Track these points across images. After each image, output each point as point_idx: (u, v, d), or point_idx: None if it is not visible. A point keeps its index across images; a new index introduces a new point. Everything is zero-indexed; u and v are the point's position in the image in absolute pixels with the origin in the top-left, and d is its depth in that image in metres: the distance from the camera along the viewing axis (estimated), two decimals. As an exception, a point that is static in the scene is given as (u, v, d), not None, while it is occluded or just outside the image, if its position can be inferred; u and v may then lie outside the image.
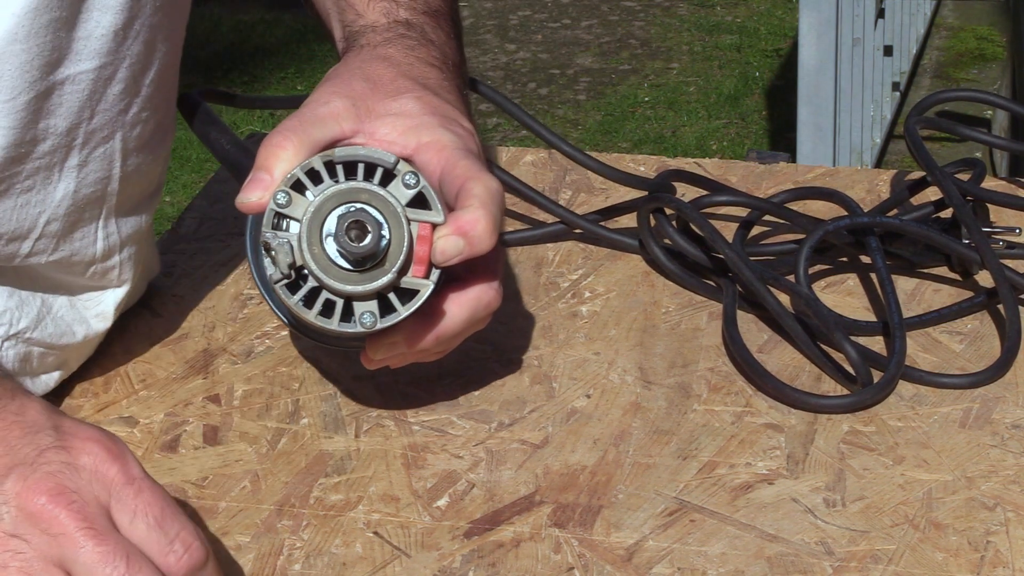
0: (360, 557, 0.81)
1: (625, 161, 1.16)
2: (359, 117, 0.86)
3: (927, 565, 0.79)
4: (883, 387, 0.90)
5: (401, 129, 0.86)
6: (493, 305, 0.86)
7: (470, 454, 0.88)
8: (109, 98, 0.88)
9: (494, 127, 4.24)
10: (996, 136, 1.14)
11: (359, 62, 0.91)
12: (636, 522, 0.82)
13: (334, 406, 0.92)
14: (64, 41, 0.84)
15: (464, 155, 0.85)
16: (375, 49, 0.92)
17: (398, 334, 0.84)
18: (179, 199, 3.60)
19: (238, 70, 4.58)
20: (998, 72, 4.13)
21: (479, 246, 0.82)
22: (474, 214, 0.82)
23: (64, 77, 0.85)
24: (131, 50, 0.88)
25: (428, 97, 0.88)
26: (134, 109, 0.90)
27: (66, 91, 0.86)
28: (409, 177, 0.82)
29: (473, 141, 0.87)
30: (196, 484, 0.86)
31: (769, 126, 4.19)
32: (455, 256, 0.82)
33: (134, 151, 0.91)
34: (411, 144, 0.86)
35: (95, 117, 0.88)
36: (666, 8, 5.11)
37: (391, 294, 0.82)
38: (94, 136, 0.88)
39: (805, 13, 3.02)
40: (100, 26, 0.86)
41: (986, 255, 0.98)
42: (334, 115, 0.86)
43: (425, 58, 0.92)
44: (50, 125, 0.85)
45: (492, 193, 0.83)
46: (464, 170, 0.84)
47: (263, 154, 0.84)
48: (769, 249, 1.04)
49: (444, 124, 0.87)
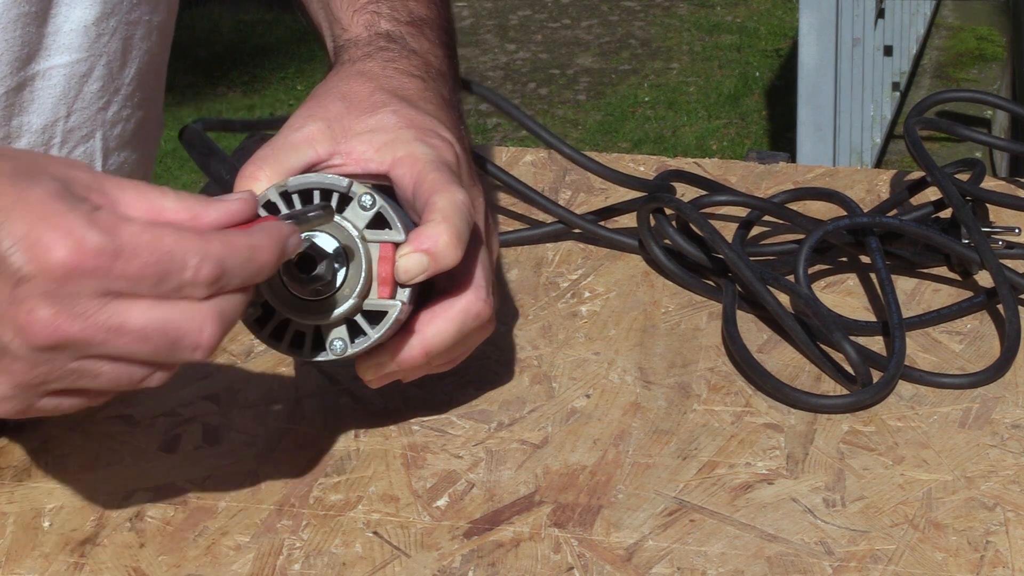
0: (360, 557, 0.81)
1: (625, 161, 1.16)
2: (335, 139, 0.86)
3: (927, 565, 0.79)
4: (883, 387, 0.90)
5: (377, 145, 0.86)
6: (483, 315, 0.84)
7: (470, 454, 0.88)
8: (87, 95, 0.88)
9: (494, 127, 4.24)
10: (995, 137, 1.13)
11: (336, 80, 0.90)
12: (636, 522, 0.82)
13: (334, 406, 0.92)
14: (34, 36, 0.84)
15: (435, 167, 0.84)
16: (353, 65, 0.91)
17: (384, 354, 0.84)
18: (179, 199, 3.60)
19: (238, 70, 4.58)
20: (998, 72, 4.13)
21: (443, 261, 0.81)
22: (435, 229, 0.81)
23: (35, 72, 0.85)
24: (108, 47, 0.88)
25: (405, 110, 0.87)
26: (114, 107, 0.90)
27: (38, 87, 0.86)
28: (365, 199, 0.81)
29: (450, 151, 0.86)
30: (196, 484, 0.86)
31: (769, 126, 4.20)
32: (420, 273, 0.81)
33: (116, 150, 0.91)
34: (387, 160, 0.85)
35: (72, 115, 0.88)
36: (666, 8, 5.11)
37: (359, 318, 0.82)
38: (73, 135, 0.88)
39: (805, 13, 3.02)
40: (69, 20, 0.86)
41: (986, 255, 0.98)
42: (308, 140, 0.85)
43: (405, 69, 0.91)
44: (23, 122, 0.85)
45: (456, 205, 0.82)
46: (431, 183, 0.83)
47: (237, 184, 0.84)
48: (769, 249, 1.04)
49: (420, 137, 0.86)
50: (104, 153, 0.90)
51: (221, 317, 0.71)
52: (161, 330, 0.70)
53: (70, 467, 0.87)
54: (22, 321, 0.68)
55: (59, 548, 0.81)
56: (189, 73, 4.47)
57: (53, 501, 0.85)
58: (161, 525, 0.83)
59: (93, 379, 0.71)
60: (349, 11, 0.95)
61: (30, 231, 0.68)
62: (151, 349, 0.71)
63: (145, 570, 0.80)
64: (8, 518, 0.84)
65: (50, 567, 0.80)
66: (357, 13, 0.94)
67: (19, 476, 0.87)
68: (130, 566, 0.80)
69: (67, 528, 0.83)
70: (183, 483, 0.86)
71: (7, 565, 0.80)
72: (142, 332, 0.70)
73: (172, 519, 0.83)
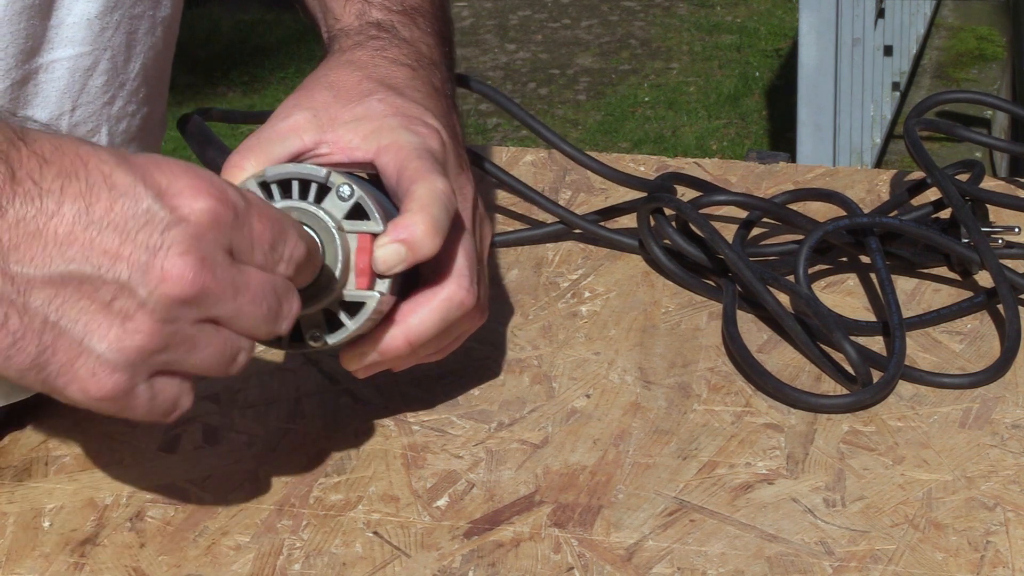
0: (360, 557, 0.81)
1: (625, 161, 1.16)
2: (321, 128, 0.86)
3: (927, 565, 0.79)
4: (883, 387, 0.90)
5: (363, 133, 0.85)
6: (466, 304, 0.84)
7: (470, 454, 0.88)
8: (92, 90, 0.88)
9: (494, 127, 4.25)
10: (994, 137, 1.14)
11: (325, 70, 0.90)
12: (636, 522, 0.82)
13: (334, 406, 0.92)
14: (38, 28, 0.85)
15: (418, 155, 0.84)
16: (343, 54, 0.91)
17: (367, 345, 0.83)
18: (179, 199, 3.60)
19: (238, 70, 4.58)
20: (998, 72, 4.13)
21: (421, 251, 0.80)
22: (412, 219, 0.80)
23: (39, 65, 0.85)
24: (112, 40, 0.88)
25: (392, 98, 0.87)
26: (119, 102, 0.90)
27: (42, 79, 0.86)
28: (344, 189, 0.81)
29: (436, 139, 0.86)
30: (196, 484, 0.86)
31: (769, 126, 4.20)
32: (398, 263, 0.80)
33: (122, 145, 0.91)
34: (372, 148, 0.85)
35: (78, 109, 0.88)
36: (666, 8, 5.11)
37: (338, 309, 0.82)
38: (78, 129, 0.88)
39: (805, 13, 3.02)
40: (72, 13, 0.86)
41: (986, 255, 0.98)
42: (294, 129, 0.85)
43: (394, 58, 0.91)
44: (28, 116, 0.85)
45: (435, 194, 0.82)
46: (412, 172, 0.83)
47: (223, 173, 0.84)
48: (769, 249, 1.04)
49: (405, 124, 0.86)
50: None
51: (296, 298, 0.75)
52: (272, 292, 0.73)
53: (70, 467, 0.87)
54: (166, 269, 0.69)
55: (59, 548, 0.81)
56: (189, 73, 4.47)
57: (53, 501, 0.85)
58: (161, 525, 0.83)
59: (203, 349, 0.72)
60: (341, 1, 0.95)
61: (172, 183, 0.70)
62: (263, 312, 0.73)
63: (145, 570, 0.80)
64: (8, 518, 0.84)
65: (50, 567, 0.80)
66: (349, 2, 0.94)
67: (19, 476, 0.87)
68: (130, 566, 0.80)
69: (67, 528, 0.83)
70: (183, 483, 0.86)
71: (7, 565, 0.80)
72: (259, 291, 0.73)
73: (172, 519, 0.83)
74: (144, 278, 0.69)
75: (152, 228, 0.69)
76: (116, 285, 0.69)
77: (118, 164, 0.70)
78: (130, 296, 0.69)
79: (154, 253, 0.69)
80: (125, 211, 0.69)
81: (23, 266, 0.68)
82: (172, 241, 0.69)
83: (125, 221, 0.69)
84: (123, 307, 0.69)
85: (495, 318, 0.99)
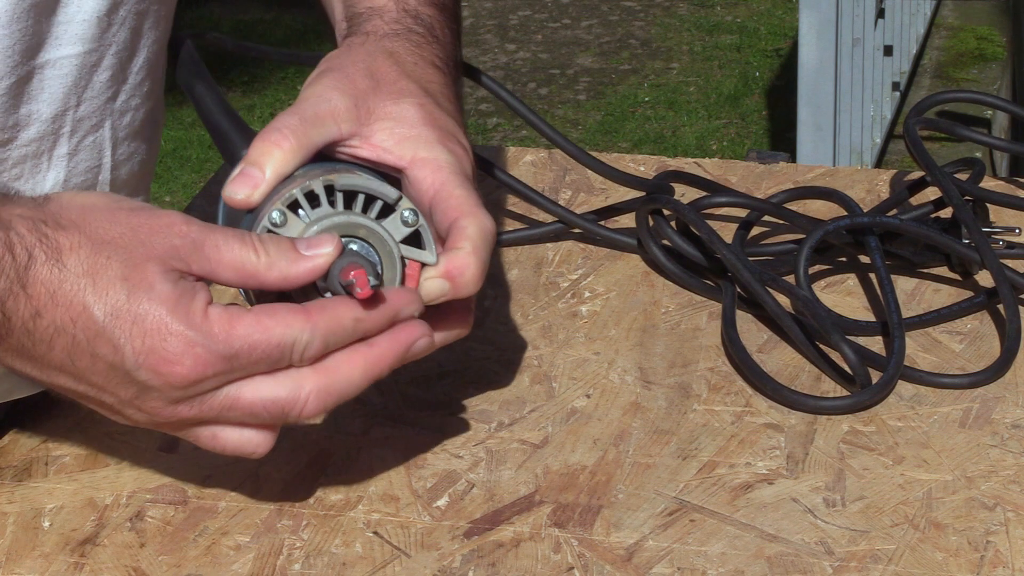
0: (360, 557, 0.81)
1: (625, 161, 1.16)
2: (359, 120, 0.84)
3: (927, 565, 0.79)
4: (882, 387, 0.90)
5: (397, 137, 0.84)
6: (463, 333, 0.84)
7: (470, 454, 0.88)
8: (96, 85, 0.88)
9: (494, 127, 4.25)
10: (994, 137, 1.14)
11: (364, 54, 0.88)
12: (636, 522, 0.82)
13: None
14: (45, 26, 0.85)
15: (461, 182, 0.83)
16: (381, 41, 0.89)
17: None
18: (179, 199, 3.60)
19: (238, 70, 4.58)
20: (998, 72, 4.13)
21: (463, 291, 0.81)
22: (465, 260, 0.81)
23: (44, 62, 0.85)
24: (117, 37, 0.88)
25: (429, 105, 0.86)
26: (123, 97, 0.90)
27: (47, 76, 0.86)
28: (408, 215, 0.80)
29: (468, 161, 0.86)
30: (196, 484, 0.86)
31: (769, 126, 4.20)
32: (438, 298, 0.81)
33: (125, 140, 0.91)
34: (407, 156, 0.84)
35: (82, 104, 0.88)
36: (666, 8, 5.11)
37: None
38: (82, 124, 0.88)
39: (805, 13, 3.02)
40: (82, 11, 0.86)
41: (986, 255, 0.98)
42: (334, 115, 0.84)
43: (430, 58, 0.90)
44: (33, 111, 0.86)
45: (485, 235, 0.82)
46: (459, 202, 0.82)
47: (258, 149, 0.81)
48: (769, 249, 1.04)
49: (442, 140, 0.85)
50: (113, 143, 0.90)
51: (323, 394, 0.78)
52: (269, 405, 0.77)
53: (70, 467, 0.87)
54: (147, 409, 0.76)
55: (59, 548, 0.81)
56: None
57: (53, 501, 0.85)
58: (161, 525, 0.83)
59: (210, 441, 0.79)
60: None
61: (152, 350, 0.74)
62: (261, 421, 0.78)
63: (145, 570, 0.80)
64: (8, 518, 0.84)
65: (50, 567, 0.80)
66: None
67: (19, 476, 0.87)
68: (130, 566, 0.80)
69: (67, 528, 0.83)
70: (183, 483, 0.86)
71: (7, 565, 0.80)
72: (250, 408, 0.77)
73: (172, 519, 0.83)
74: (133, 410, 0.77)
75: (135, 386, 0.75)
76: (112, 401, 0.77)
77: (105, 325, 0.74)
78: (127, 405, 0.77)
79: (139, 400, 0.76)
80: (106, 372, 0.75)
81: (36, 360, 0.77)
82: (155, 398, 0.76)
83: (106, 380, 0.75)
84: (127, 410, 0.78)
85: (495, 318, 0.99)
